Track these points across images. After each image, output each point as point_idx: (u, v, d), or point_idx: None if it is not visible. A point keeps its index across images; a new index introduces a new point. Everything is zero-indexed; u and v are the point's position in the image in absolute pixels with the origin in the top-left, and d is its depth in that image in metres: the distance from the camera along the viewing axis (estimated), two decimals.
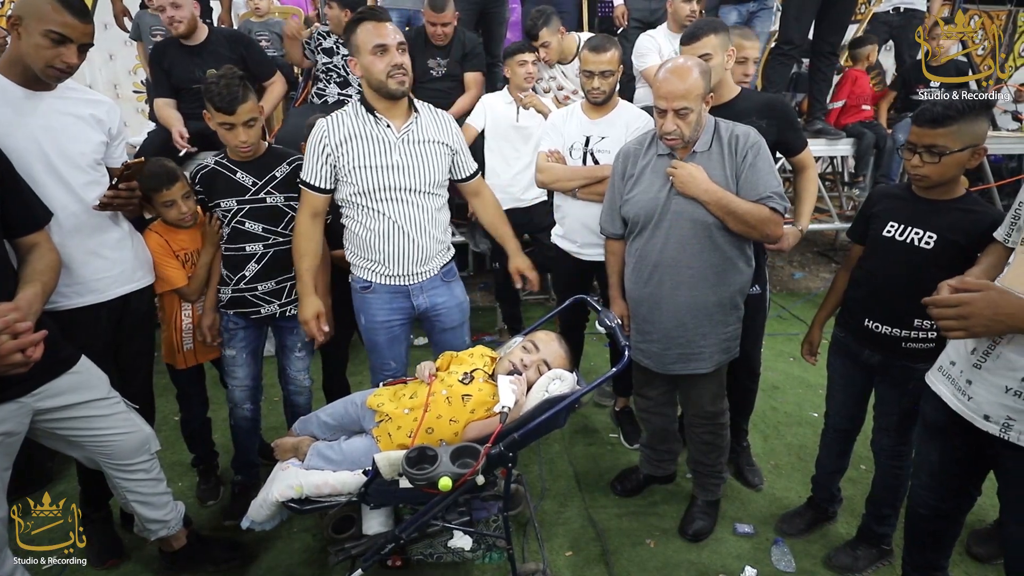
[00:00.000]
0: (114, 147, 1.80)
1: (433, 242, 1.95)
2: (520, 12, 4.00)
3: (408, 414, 1.64)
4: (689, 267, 1.85)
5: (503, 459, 1.55)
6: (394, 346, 2.06)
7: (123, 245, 1.81)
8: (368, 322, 2.02)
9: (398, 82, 1.79)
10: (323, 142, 1.84)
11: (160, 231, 2.01)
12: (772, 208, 1.80)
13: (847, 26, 3.58)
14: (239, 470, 2.25)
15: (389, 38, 1.76)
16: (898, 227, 1.69)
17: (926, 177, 1.59)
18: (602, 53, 2.18)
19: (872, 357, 1.79)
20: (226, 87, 1.80)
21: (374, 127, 1.85)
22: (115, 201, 1.71)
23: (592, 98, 2.25)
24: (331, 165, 1.85)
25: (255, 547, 2.05)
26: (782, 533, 2.14)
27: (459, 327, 2.10)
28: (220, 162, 1.97)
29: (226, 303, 2.04)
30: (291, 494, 1.61)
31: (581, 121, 2.32)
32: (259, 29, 3.76)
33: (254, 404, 2.17)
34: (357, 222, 1.92)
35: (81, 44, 1.57)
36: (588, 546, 2.10)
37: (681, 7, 3.06)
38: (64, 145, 1.64)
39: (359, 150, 1.83)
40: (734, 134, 1.84)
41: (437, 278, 2.01)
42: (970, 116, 1.50)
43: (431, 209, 1.93)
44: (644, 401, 2.20)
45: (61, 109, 1.65)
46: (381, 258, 1.92)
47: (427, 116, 1.94)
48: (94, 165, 1.72)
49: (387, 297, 1.98)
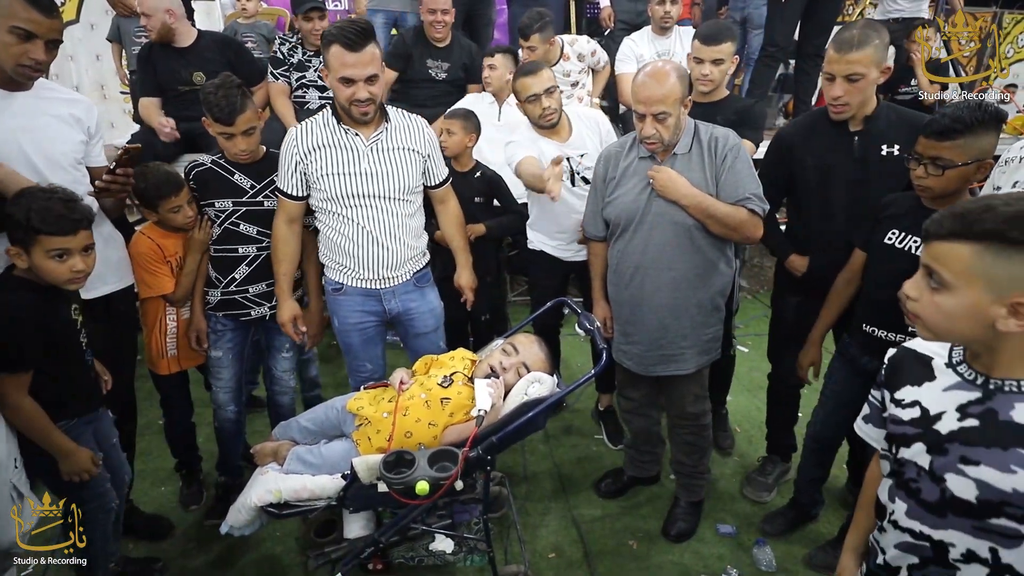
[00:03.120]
0: (92, 145, 1.78)
1: (404, 248, 1.95)
2: (508, 14, 4.00)
3: (387, 418, 1.65)
4: (670, 269, 1.86)
5: (482, 462, 1.56)
6: (369, 347, 2.06)
7: (105, 245, 1.78)
8: (341, 324, 2.02)
9: (361, 112, 1.77)
10: (292, 150, 1.84)
11: (153, 235, 1.96)
12: (751, 210, 1.81)
13: (832, 28, 3.60)
14: (223, 472, 2.25)
15: (356, 70, 1.69)
16: (899, 235, 1.67)
17: (929, 188, 1.57)
18: (540, 71, 2.15)
19: (871, 363, 1.76)
20: (224, 97, 1.78)
21: (343, 136, 1.83)
22: (112, 186, 1.68)
23: (546, 121, 2.20)
24: (300, 172, 1.85)
25: (236, 551, 2.05)
26: (764, 533, 2.15)
27: (432, 332, 2.10)
28: (217, 162, 1.96)
29: (215, 305, 2.02)
30: (270, 498, 1.60)
31: (551, 145, 2.24)
32: (245, 31, 3.74)
33: (238, 406, 2.16)
34: (329, 227, 1.92)
35: (48, 40, 1.55)
36: (571, 547, 2.10)
37: (656, 9, 3.12)
38: (44, 145, 1.62)
39: (327, 158, 1.82)
40: (713, 136, 1.85)
41: (410, 283, 2.01)
42: (978, 130, 1.46)
43: (402, 215, 1.92)
44: (627, 402, 2.21)
45: (39, 109, 1.63)
46: (352, 263, 1.92)
47: (399, 123, 1.92)
48: (75, 164, 1.70)
49: (359, 299, 1.98)
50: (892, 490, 1.00)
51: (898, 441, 0.98)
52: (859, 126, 1.87)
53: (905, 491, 0.96)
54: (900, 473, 0.98)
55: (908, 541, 0.97)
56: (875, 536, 1.06)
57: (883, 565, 1.03)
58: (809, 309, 2.08)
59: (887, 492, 1.01)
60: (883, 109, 1.87)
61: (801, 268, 2.04)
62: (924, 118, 1.85)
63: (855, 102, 1.81)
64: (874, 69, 1.78)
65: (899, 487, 0.98)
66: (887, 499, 1.01)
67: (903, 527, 0.97)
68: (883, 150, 1.84)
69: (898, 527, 0.98)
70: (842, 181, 1.90)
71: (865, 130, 1.86)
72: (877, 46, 1.77)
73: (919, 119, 1.84)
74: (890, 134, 1.84)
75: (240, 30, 3.74)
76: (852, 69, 1.76)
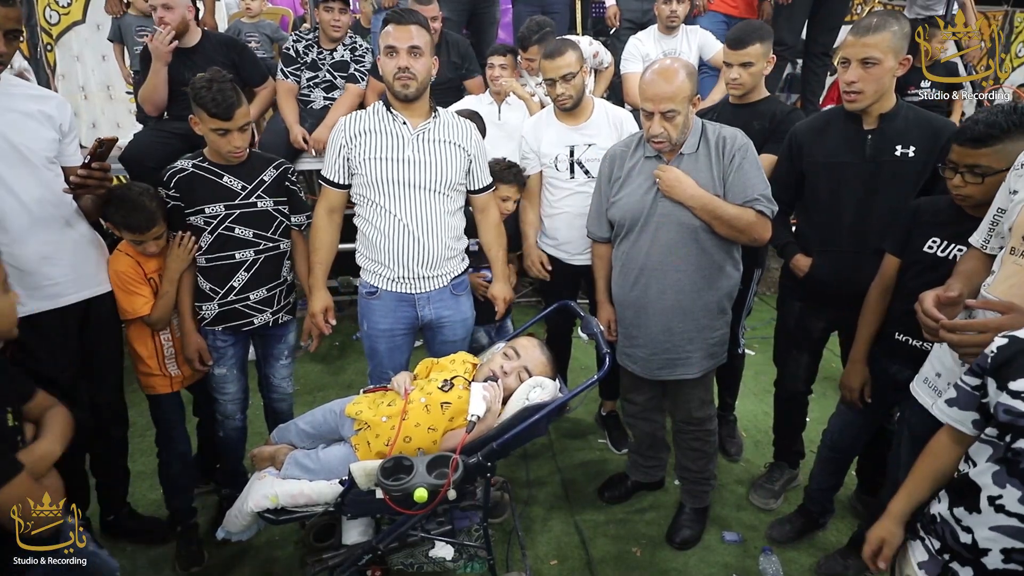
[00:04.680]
0: (67, 144, 1.73)
1: (441, 246, 1.91)
2: (512, 13, 3.97)
3: (386, 422, 1.61)
4: (676, 271, 1.83)
5: (482, 469, 1.52)
6: (394, 355, 2.03)
7: (80, 248, 1.74)
8: (370, 328, 1.99)
9: (402, 84, 1.80)
10: (339, 136, 1.88)
11: (132, 253, 1.85)
12: (759, 211, 1.77)
13: (839, 27, 3.55)
14: (226, 482, 2.17)
15: (401, 40, 1.77)
16: (941, 243, 1.60)
17: (969, 197, 1.50)
18: (557, 58, 2.13)
19: (901, 372, 1.69)
20: (219, 92, 1.74)
21: (391, 123, 1.87)
22: (88, 182, 1.63)
23: (560, 105, 2.20)
24: (344, 158, 1.88)
25: (235, 554, 2.02)
26: (771, 540, 2.11)
27: (460, 341, 2.06)
28: (200, 165, 1.87)
29: (212, 319, 1.91)
30: (266, 504, 1.57)
31: (559, 130, 2.25)
32: (249, 30, 3.73)
33: (244, 413, 2.11)
34: (366, 221, 1.92)
35: (7, 30, 1.52)
36: (573, 554, 2.07)
37: (662, 9, 3.10)
38: (11, 140, 1.57)
39: (372, 143, 1.85)
40: (721, 136, 1.81)
41: (447, 290, 1.98)
42: (1015, 134, 1.40)
43: (441, 211, 1.90)
44: (631, 406, 2.17)
45: (4, 105, 1.59)
46: (387, 260, 1.90)
47: (448, 119, 1.94)
48: (46, 163, 1.65)
49: (392, 305, 1.95)
50: (1001, 476, 1.03)
51: (1014, 431, 1.01)
52: (874, 124, 1.81)
53: (1020, 479, 1.00)
54: (1015, 462, 1.01)
55: (1015, 526, 1.01)
56: (956, 513, 1.10)
57: (967, 544, 1.07)
58: (811, 314, 2.04)
59: (990, 477, 1.04)
60: (901, 108, 1.81)
61: (804, 269, 2.00)
62: (943, 121, 1.81)
63: (869, 90, 1.74)
64: (891, 56, 1.71)
65: (1012, 475, 1.01)
66: (991, 483, 1.04)
67: (1012, 512, 1.01)
68: (897, 150, 1.79)
69: (1003, 511, 1.02)
70: (851, 180, 1.84)
71: (880, 129, 1.80)
72: (895, 33, 1.71)
73: (939, 122, 1.79)
74: (907, 135, 1.78)
75: (244, 29, 3.73)
76: (867, 53, 1.70)
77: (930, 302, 1.22)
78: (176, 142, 2.83)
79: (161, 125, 2.91)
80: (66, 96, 4.24)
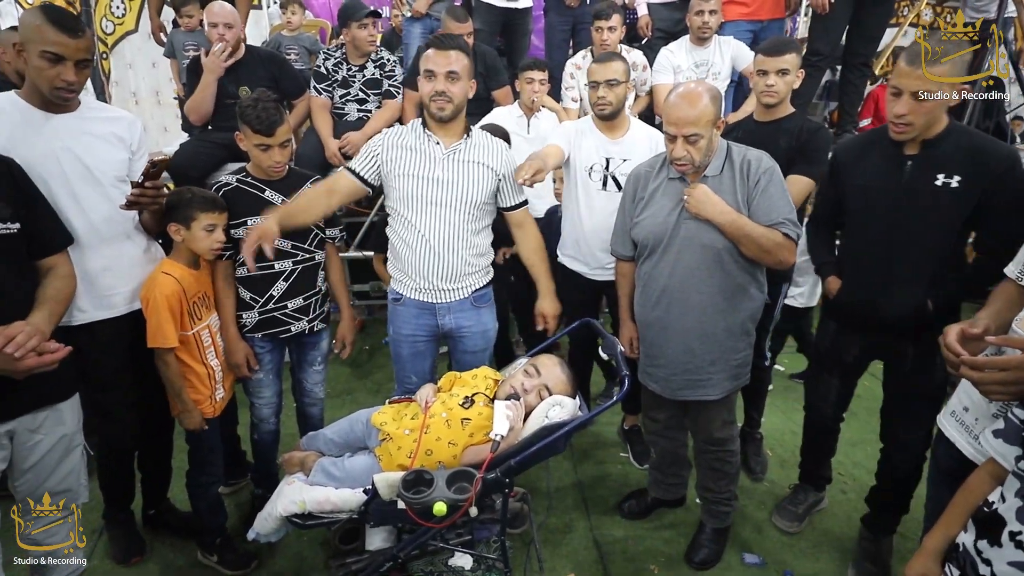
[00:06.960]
0: (135, 161, 1.85)
1: (461, 261, 1.96)
2: (544, 22, 3.99)
3: (408, 435, 1.67)
4: (698, 292, 1.83)
5: (499, 485, 1.56)
6: (417, 361, 2.10)
7: (137, 260, 1.85)
8: (395, 333, 2.09)
9: (438, 107, 1.86)
10: (378, 141, 1.97)
11: (177, 275, 1.80)
12: (785, 234, 1.76)
13: (880, 37, 3.44)
14: (259, 483, 2.28)
15: (440, 65, 1.82)
16: None
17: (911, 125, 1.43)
18: (607, 63, 2.20)
19: None
20: (264, 110, 1.86)
21: (425, 142, 1.93)
22: (141, 199, 1.73)
23: (598, 110, 2.24)
24: (374, 161, 1.95)
25: (264, 552, 2.11)
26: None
27: (480, 352, 2.11)
28: (244, 180, 1.99)
29: (253, 327, 2.02)
30: (294, 509, 1.65)
31: (599, 140, 2.29)
32: (289, 43, 3.87)
33: (278, 416, 2.21)
34: (396, 233, 2.00)
35: (77, 60, 1.60)
36: (591, 568, 2.09)
37: (694, 19, 3.10)
38: (85, 163, 1.69)
39: (406, 159, 1.92)
40: (746, 159, 1.80)
41: (467, 300, 2.03)
42: None
43: (464, 229, 1.95)
44: (652, 424, 2.18)
45: (80, 128, 1.70)
46: (409, 270, 1.99)
47: (479, 140, 1.99)
48: (115, 182, 1.77)
49: (414, 311, 2.03)
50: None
51: None
52: (915, 149, 1.70)
53: None
54: None
55: None
56: (979, 546, 1.10)
57: None
58: (845, 336, 2.00)
59: (1015, 512, 1.04)
60: (952, 133, 1.67)
61: (834, 291, 1.97)
62: (1004, 147, 1.66)
63: (920, 123, 1.63)
64: (948, 88, 1.57)
65: None
66: (1015, 519, 1.04)
67: None
68: (938, 180, 1.66)
69: (1022, 547, 1.02)
70: (881, 207, 1.77)
71: (921, 155, 1.69)
72: (955, 63, 1.56)
73: (996, 148, 1.64)
74: (952, 163, 1.64)
75: (284, 42, 3.86)
76: (923, 86, 1.57)
77: (953, 336, 1.20)
78: (219, 152, 2.97)
79: (205, 135, 3.05)
80: (118, 101, 4.47)
